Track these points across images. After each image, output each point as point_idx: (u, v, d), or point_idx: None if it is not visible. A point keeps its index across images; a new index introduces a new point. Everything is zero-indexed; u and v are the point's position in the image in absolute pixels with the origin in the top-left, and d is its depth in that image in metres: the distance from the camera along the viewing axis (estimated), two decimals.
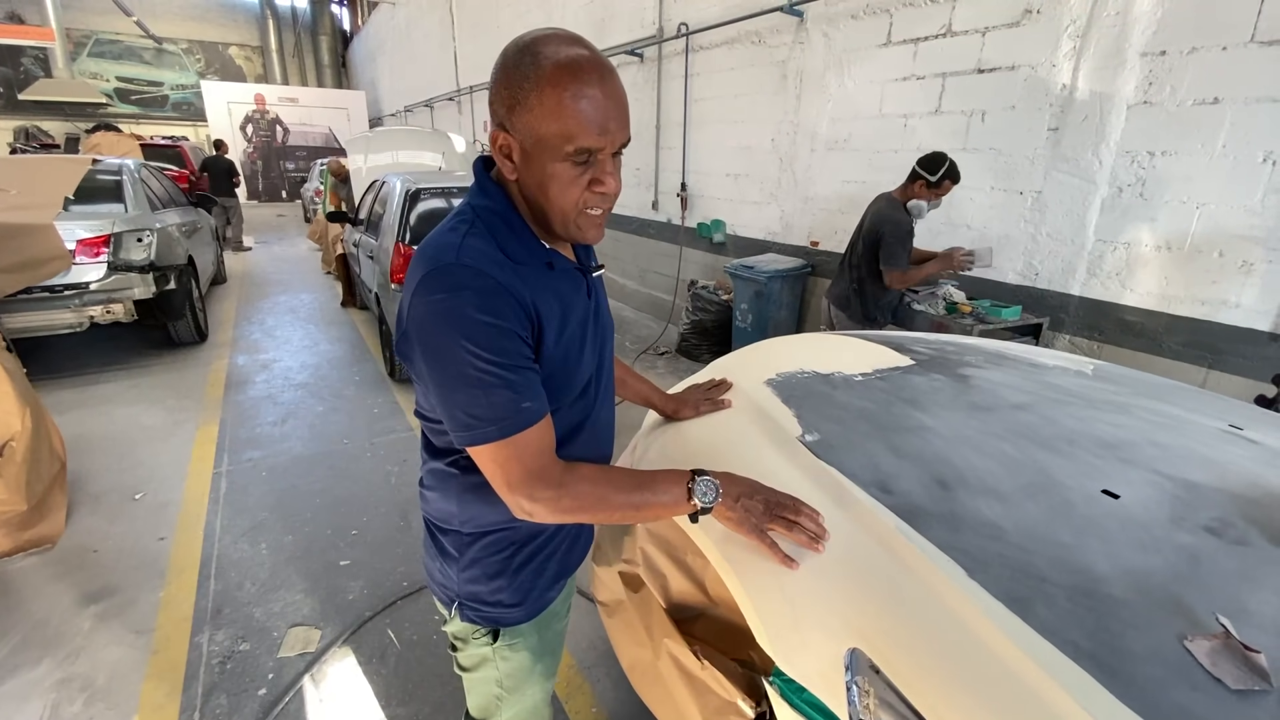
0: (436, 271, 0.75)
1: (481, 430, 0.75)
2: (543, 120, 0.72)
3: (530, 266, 0.81)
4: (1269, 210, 2.37)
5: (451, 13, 10.92)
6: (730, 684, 1.11)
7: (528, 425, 0.76)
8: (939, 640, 0.78)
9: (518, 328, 0.75)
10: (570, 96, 0.71)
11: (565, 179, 0.76)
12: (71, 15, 18.55)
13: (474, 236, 0.78)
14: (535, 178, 0.77)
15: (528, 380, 0.77)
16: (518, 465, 0.77)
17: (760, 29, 4.48)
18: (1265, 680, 0.68)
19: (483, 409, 0.74)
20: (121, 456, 3.26)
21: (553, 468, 0.79)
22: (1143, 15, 2.59)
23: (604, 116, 0.73)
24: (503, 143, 0.78)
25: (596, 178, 0.77)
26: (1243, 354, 2.52)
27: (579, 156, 0.74)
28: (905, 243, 2.91)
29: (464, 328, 0.72)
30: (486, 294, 0.74)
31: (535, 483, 0.77)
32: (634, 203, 6.43)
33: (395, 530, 2.66)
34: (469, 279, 0.74)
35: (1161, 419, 1.32)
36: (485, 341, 0.73)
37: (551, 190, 0.77)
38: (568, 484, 0.79)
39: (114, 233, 4.18)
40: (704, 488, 0.85)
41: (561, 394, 0.86)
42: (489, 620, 0.94)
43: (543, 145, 0.74)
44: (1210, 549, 0.89)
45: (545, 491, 0.78)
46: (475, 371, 0.73)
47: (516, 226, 0.82)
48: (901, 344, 1.77)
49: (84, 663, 1.95)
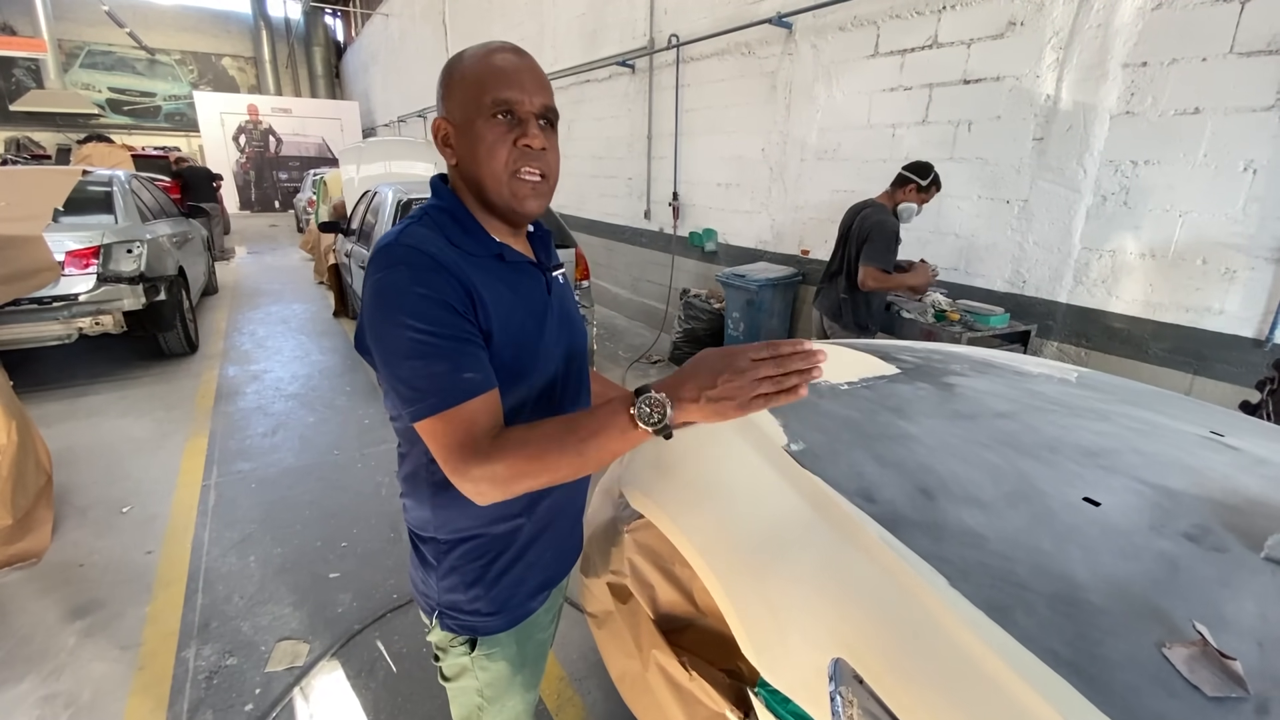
0: (376, 254, 0.78)
1: (424, 403, 0.74)
2: (466, 88, 0.80)
3: (479, 257, 0.83)
4: (1250, 218, 2.41)
5: (444, 24, 10.99)
6: (718, 695, 1.11)
7: (470, 396, 0.74)
8: (921, 650, 0.78)
9: (454, 301, 0.76)
10: (486, 62, 0.81)
11: (490, 138, 0.80)
12: (64, 26, 18.56)
13: (420, 226, 0.82)
14: (468, 148, 0.82)
15: (468, 353, 0.76)
16: (461, 438, 0.74)
17: (750, 40, 4.52)
18: (1242, 687, 0.69)
19: (423, 380, 0.74)
20: (109, 469, 3.23)
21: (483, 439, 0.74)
22: (1124, 27, 2.64)
23: (518, 74, 0.80)
24: (442, 130, 0.84)
25: (522, 134, 0.80)
26: (1227, 360, 2.55)
27: (499, 108, 0.79)
28: (891, 245, 2.93)
29: (400, 300, 0.74)
30: (421, 269, 0.75)
31: (475, 454, 0.73)
32: (626, 212, 6.46)
33: (385, 542, 2.64)
34: (404, 255, 0.76)
35: (1143, 426, 1.33)
36: (421, 312, 0.74)
37: (480, 153, 0.81)
38: (498, 449, 0.73)
39: (103, 244, 4.16)
40: (647, 408, 0.71)
41: (521, 387, 0.85)
42: (467, 629, 0.93)
43: (468, 110, 0.80)
44: (1189, 556, 0.90)
45: (478, 467, 0.73)
46: (412, 343, 0.73)
47: (465, 221, 0.85)
48: (888, 352, 1.78)
49: (68, 679, 1.93)
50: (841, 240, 3.15)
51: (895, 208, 3.00)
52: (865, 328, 3.13)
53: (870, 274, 2.92)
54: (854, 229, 3.04)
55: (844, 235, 3.14)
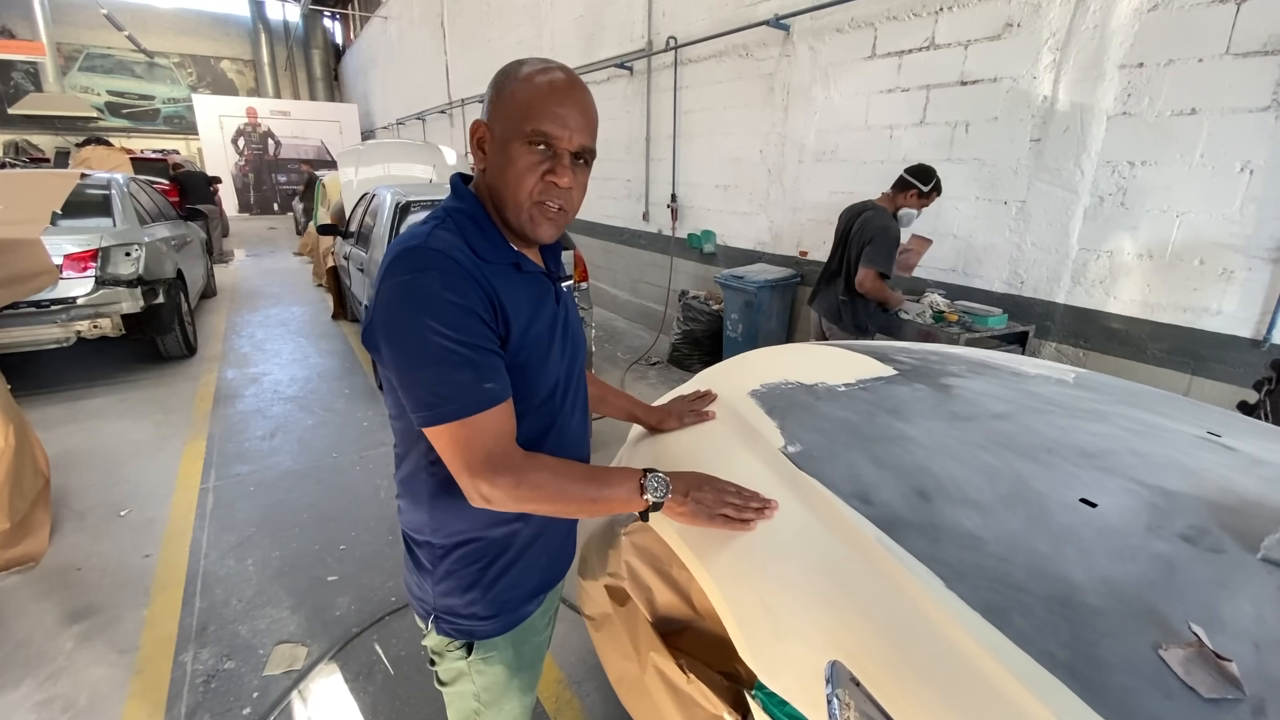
0: (404, 253, 0.78)
1: (443, 409, 0.75)
2: (513, 103, 0.81)
3: (497, 265, 0.83)
4: (1247, 218, 2.41)
5: (443, 27, 10.99)
6: (715, 697, 1.10)
7: (489, 405, 0.76)
8: (918, 652, 0.78)
9: (481, 310, 0.77)
10: (540, 85, 0.80)
11: (522, 164, 0.81)
12: (63, 30, 18.57)
13: (444, 229, 0.82)
14: (499, 165, 0.82)
15: (490, 362, 0.77)
16: (478, 447, 0.76)
17: (748, 42, 4.53)
18: (1237, 689, 0.69)
19: (445, 387, 0.74)
20: (107, 472, 3.23)
21: (513, 453, 0.79)
22: (1120, 28, 2.64)
23: (565, 110, 0.80)
24: (480, 132, 0.85)
25: (552, 169, 0.82)
26: (1225, 360, 2.55)
27: (535, 138, 0.80)
28: (893, 250, 2.93)
29: (429, 305, 0.74)
30: (451, 274, 0.76)
31: (495, 466, 0.77)
32: (625, 214, 6.46)
33: (383, 545, 2.64)
34: (435, 260, 0.76)
35: (1141, 427, 1.33)
36: (449, 318, 0.74)
37: (509, 174, 0.81)
38: (527, 471, 0.79)
39: (102, 247, 4.16)
40: (655, 483, 0.89)
41: (526, 394, 0.86)
42: (463, 633, 0.93)
43: (508, 126, 0.81)
44: (1186, 557, 0.90)
45: (504, 476, 0.77)
46: (438, 349, 0.74)
47: (485, 228, 0.85)
48: (885, 354, 1.78)
49: (65, 683, 1.92)
50: (840, 242, 3.15)
51: (896, 211, 3.00)
52: (864, 329, 3.13)
53: (869, 276, 2.92)
54: (854, 231, 3.04)
55: (843, 237, 3.13)
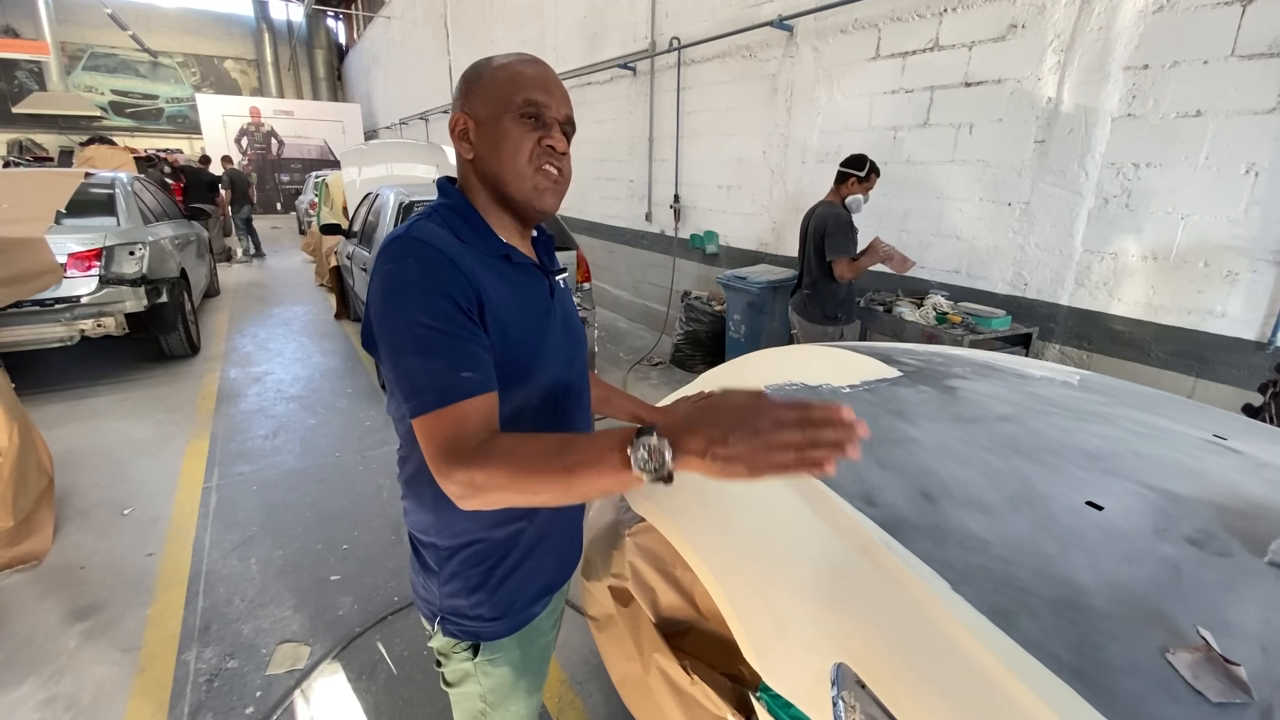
0: (385, 246, 0.79)
1: (419, 399, 0.73)
2: (496, 85, 0.83)
3: (486, 256, 0.83)
4: (1252, 220, 2.40)
5: (446, 27, 11.01)
6: (719, 698, 1.11)
7: (466, 396, 0.72)
8: (924, 654, 0.78)
9: (459, 297, 0.75)
10: (517, 67, 0.84)
11: (516, 135, 0.82)
12: (66, 29, 18.62)
13: (429, 222, 0.82)
14: (490, 144, 0.83)
15: (469, 351, 0.75)
16: (440, 438, 0.70)
17: (751, 43, 4.52)
18: (1245, 693, 0.68)
19: (421, 376, 0.73)
20: (111, 471, 3.23)
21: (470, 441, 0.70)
22: (1125, 30, 2.64)
23: (548, 82, 0.84)
24: (461, 123, 0.85)
25: (547, 134, 0.84)
26: (1229, 363, 2.54)
27: (527, 109, 0.82)
28: (849, 233, 3.04)
29: (406, 291, 0.74)
30: (428, 261, 0.75)
31: (451, 458, 0.69)
32: (628, 214, 6.46)
33: (386, 544, 2.64)
34: (413, 248, 0.77)
35: (1146, 429, 1.33)
36: (426, 305, 0.73)
37: (505, 150, 0.83)
38: (477, 458, 0.68)
39: (106, 246, 4.17)
40: (644, 454, 0.61)
41: (525, 393, 0.85)
42: (469, 634, 0.93)
43: (496, 105, 0.82)
44: (1192, 560, 0.90)
45: (459, 470, 0.69)
46: (415, 337, 0.73)
47: (474, 222, 0.85)
48: (889, 355, 1.78)
49: (69, 681, 1.93)
50: (802, 244, 3.25)
51: (843, 201, 3.12)
52: (834, 319, 3.18)
53: (842, 264, 3.01)
54: (810, 230, 3.16)
55: (802, 238, 3.24)
